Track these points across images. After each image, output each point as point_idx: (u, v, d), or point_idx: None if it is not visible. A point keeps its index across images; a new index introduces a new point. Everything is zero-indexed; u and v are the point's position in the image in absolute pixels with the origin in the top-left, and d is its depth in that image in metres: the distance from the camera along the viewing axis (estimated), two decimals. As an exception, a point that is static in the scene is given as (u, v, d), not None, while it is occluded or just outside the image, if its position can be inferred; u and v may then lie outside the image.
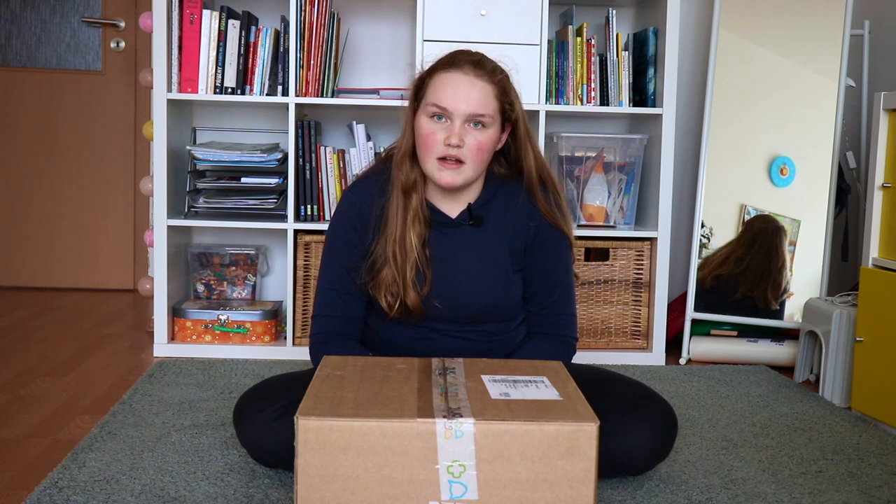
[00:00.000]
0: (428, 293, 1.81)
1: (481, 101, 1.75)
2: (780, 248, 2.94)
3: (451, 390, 1.47)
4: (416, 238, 1.79)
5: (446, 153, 1.75)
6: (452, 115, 1.74)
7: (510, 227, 1.86)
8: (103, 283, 4.05)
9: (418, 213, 1.81)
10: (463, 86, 1.74)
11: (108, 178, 4.01)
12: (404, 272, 1.78)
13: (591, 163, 2.99)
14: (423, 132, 1.77)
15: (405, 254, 1.79)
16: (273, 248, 3.21)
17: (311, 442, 1.34)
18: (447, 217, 1.86)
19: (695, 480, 1.85)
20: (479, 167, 1.79)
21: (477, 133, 1.75)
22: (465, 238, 1.85)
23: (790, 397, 2.52)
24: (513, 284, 1.87)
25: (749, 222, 2.98)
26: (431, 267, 1.82)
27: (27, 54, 3.96)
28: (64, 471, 1.80)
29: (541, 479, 1.35)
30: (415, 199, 1.81)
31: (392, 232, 1.80)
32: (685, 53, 3.24)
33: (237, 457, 1.91)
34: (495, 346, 1.89)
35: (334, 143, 3.14)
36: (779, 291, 2.92)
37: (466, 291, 1.83)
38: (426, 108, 1.77)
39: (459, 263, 1.84)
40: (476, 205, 1.86)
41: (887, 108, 2.31)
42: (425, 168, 1.79)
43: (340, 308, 1.86)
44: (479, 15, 2.81)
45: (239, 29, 2.84)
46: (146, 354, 2.88)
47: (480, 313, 1.85)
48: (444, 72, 1.77)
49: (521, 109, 1.83)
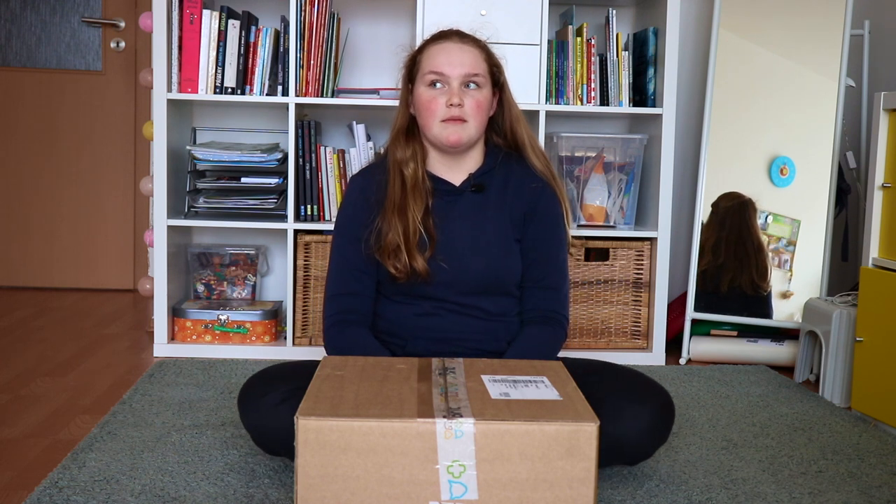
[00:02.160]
0: (432, 255, 1.88)
1: (473, 62, 1.90)
2: (751, 224, 2.93)
3: (451, 390, 1.47)
4: (416, 207, 1.89)
5: (449, 114, 1.87)
6: (449, 77, 1.88)
7: (511, 195, 1.95)
8: (103, 283, 4.05)
9: (418, 183, 1.91)
10: (455, 51, 1.90)
11: (108, 178, 4.01)
12: (407, 237, 1.87)
13: (591, 163, 2.99)
14: (424, 100, 1.90)
15: (407, 221, 1.88)
16: (273, 248, 3.21)
17: (311, 442, 1.34)
18: (450, 185, 1.95)
19: (695, 480, 1.85)
20: (479, 125, 1.91)
21: (474, 92, 1.90)
22: (468, 205, 1.94)
23: (790, 397, 2.52)
24: (513, 251, 1.94)
25: (715, 203, 2.97)
26: (436, 231, 1.90)
27: (27, 54, 3.96)
28: (64, 471, 1.80)
29: (541, 479, 1.35)
30: (412, 167, 1.92)
31: (392, 202, 1.90)
32: (685, 53, 3.24)
33: (237, 457, 1.91)
34: (496, 330, 1.92)
35: (334, 143, 3.14)
36: (765, 274, 2.91)
37: (469, 254, 1.91)
38: (424, 77, 1.90)
39: (463, 228, 1.92)
40: (478, 173, 1.96)
41: (887, 108, 2.31)
42: (431, 133, 1.90)
43: (356, 286, 1.93)
44: (479, 15, 2.81)
45: (239, 29, 2.84)
46: (146, 354, 2.88)
47: (482, 277, 1.91)
48: (433, 44, 1.93)
49: (504, 74, 1.98)
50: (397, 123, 1.97)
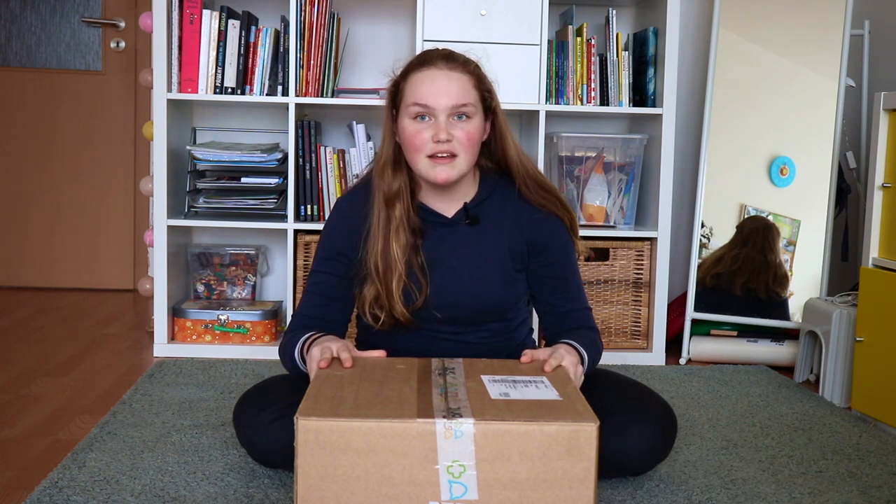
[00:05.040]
0: (424, 301, 1.79)
1: (461, 92, 1.73)
2: (773, 244, 2.94)
3: (450, 390, 1.47)
4: (399, 249, 1.76)
5: (436, 150, 1.73)
6: (435, 110, 1.72)
7: (509, 225, 1.84)
8: (103, 283, 4.05)
9: (402, 222, 1.77)
10: (440, 80, 1.73)
11: (108, 178, 4.01)
12: (388, 286, 1.75)
13: (591, 163, 2.99)
14: (408, 134, 1.74)
15: (389, 267, 1.75)
16: (273, 248, 3.21)
17: (311, 442, 1.34)
18: (443, 217, 1.84)
19: (695, 480, 1.85)
20: (471, 158, 1.77)
21: (463, 125, 1.74)
22: (463, 237, 1.83)
23: (790, 397, 2.52)
24: (515, 281, 1.85)
25: (741, 224, 2.99)
26: (429, 270, 1.80)
27: (27, 54, 3.96)
28: (64, 471, 1.80)
29: (541, 479, 1.35)
30: (398, 208, 1.77)
31: (374, 245, 1.77)
32: (685, 53, 3.24)
33: (237, 457, 1.91)
34: (496, 346, 1.87)
35: (334, 143, 3.13)
36: (783, 281, 2.92)
37: (466, 290, 1.82)
38: (407, 109, 1.74)
39: (458, 262, 1.82)
40: (472, 203, 1.84)
41: (887, 108, 2.31)
42: (417, 168, 1.76)
43: (319, 311, 1.83)
44: (479, 15, 2.81)
45: (239, 29, 2.84)
46: (146, 354, 2.88)
47: (481, 312, 1.84)
48: (417, 71, 1.76)
49: (496, 98, 1.82)
50: (382, 155, 1.80)
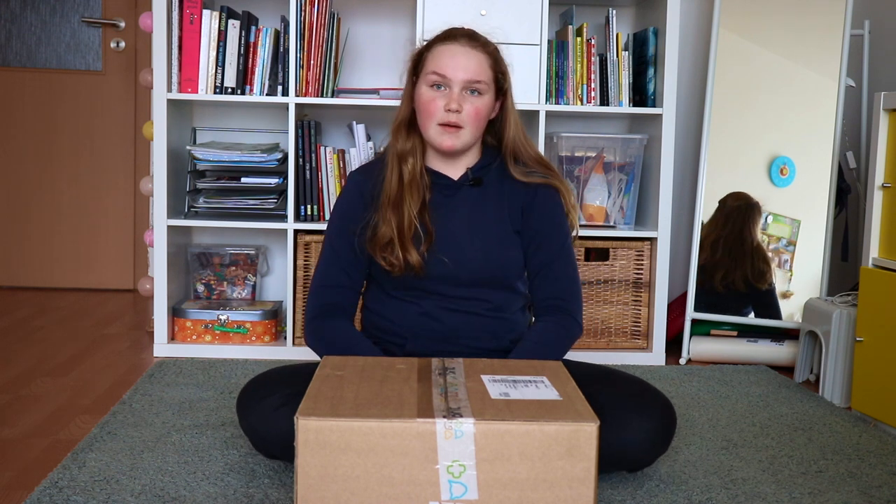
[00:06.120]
0: (430, 249, 1.88)
1: (477, 69, 1.87)
2: (752, 227, 2.93)
3: (450, 390, 1.47)
4: (413, 201, 1.88)
5: (447, 119, 1.86)
6: (451, 82, 1.86)
7: (509, 188, 1.96)
8: (103, 283, 4.05)
9: (415, 177, 1.91)
10: (460, 55, 1.88)
11: (108, 178, 4.01)
12: (402, 231, 1.87)
13: (591, 163, 2.99)
14: (423, 100, 1.88)
15: (402, 215, 1.88)
16: (273, 248, 3.21)
17: (311, 442, 1.34)
18: (449, 179, 1.96)
19: (695, 480, 1.85)
20: (476, 132, 1.91)
21: (474, 99, 1.88)
22: (467, 198, 1.95)
23: (790, 397, 2.52)
24: (512, 243, 1.94)
25: (723, 199, 2.98)
26: (434, 226, 1.90)
27: (27, 54, 3.96)
28: (64, 471, 1.80)
29: (541, 478, 1.35)
30: (411, 163, 1.91)
31: (388, 194, 1.90)
32: (685, 53, 3.24)
33: (237, 457, 1.91)
34: (498, 328, 1.92)
35: (334, 143, 3.14)
36: (763, 274, 2.91)
37: (468, 245, 1.91)
38: (426, 77, 1.88)
39: (461, 221, 1.93)
40: (475, 168, 1.96)
41: (887, 108, 2.31)
42: (427, 133, 1.90)
43: (342, 279, 1.93)
44: (480, 15, 2.81)
45: (239, 29, 2.84)
46: (146, 354, 2.88)
47: (481, 268, 1.91)
48: (441, 44, 1.91)
49: (510, 80, 1.96)
50: (400, 115, 1.96)
